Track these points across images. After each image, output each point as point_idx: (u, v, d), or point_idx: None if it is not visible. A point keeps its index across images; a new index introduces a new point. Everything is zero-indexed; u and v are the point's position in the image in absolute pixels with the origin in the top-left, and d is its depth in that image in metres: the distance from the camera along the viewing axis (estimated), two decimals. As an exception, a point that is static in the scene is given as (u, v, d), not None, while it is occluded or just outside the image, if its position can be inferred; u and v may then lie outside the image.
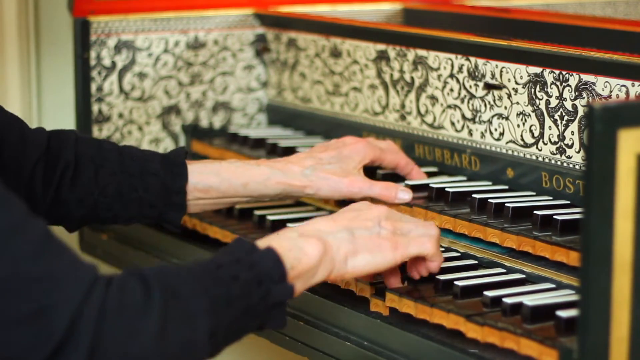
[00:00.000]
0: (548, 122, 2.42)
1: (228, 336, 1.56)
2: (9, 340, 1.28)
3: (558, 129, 2.39)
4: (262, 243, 1.74)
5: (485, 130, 2.56)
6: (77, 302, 1.31)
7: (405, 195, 2.39)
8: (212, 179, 2.14)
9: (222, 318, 1.50)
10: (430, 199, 2.45)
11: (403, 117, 2.75)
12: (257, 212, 2.55)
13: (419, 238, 1.98)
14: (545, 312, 1.96)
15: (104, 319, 1.33)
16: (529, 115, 2.46)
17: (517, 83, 2.47)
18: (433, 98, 2.68)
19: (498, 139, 2.53)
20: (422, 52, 2.69)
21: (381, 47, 2.80)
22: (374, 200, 2.34)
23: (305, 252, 1.75)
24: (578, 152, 2.35)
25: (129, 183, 2.04)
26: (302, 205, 2.66)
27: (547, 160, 2.42)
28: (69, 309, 1.30)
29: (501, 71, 2.51)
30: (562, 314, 1.92)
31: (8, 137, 1.84)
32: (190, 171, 2.15)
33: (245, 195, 2.29)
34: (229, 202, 2.31)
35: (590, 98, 2.32)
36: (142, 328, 1.35)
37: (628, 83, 2.24)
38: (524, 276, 2.19)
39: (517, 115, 2.48)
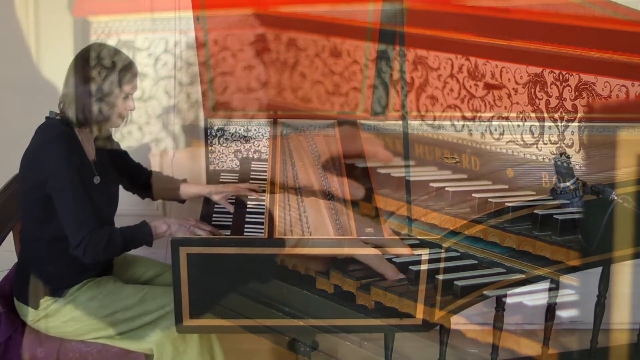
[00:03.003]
0: (547, 121, 2.42)
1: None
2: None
3: (558, 129, 2.40)
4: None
5: (485, 130, 2.56)
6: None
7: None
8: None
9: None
10: (430, 199, 2.45)
11: (403, 117, 2.75)
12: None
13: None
14: (545, 312, 1.97)
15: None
16: (529, 115, 2.46)
17: (517, 83, 2.47)
18: (433, 98, 2.68)
19: (498, 139, 2.53)
20: (422, 52, 2.69)
21: (381, 47, 2.80)
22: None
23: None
24: (578, 152, 2.35)
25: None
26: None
27: (547, 160, 2.42)
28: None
29: (501, 71, 2.51)
30: (562, 313, 1.92)
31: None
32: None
33: None
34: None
35: (590, 98, 2.32)
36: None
37: (628, 83, 2.24)
38: (523, 276, 2.19)
39: (517, 115, 2.48)
